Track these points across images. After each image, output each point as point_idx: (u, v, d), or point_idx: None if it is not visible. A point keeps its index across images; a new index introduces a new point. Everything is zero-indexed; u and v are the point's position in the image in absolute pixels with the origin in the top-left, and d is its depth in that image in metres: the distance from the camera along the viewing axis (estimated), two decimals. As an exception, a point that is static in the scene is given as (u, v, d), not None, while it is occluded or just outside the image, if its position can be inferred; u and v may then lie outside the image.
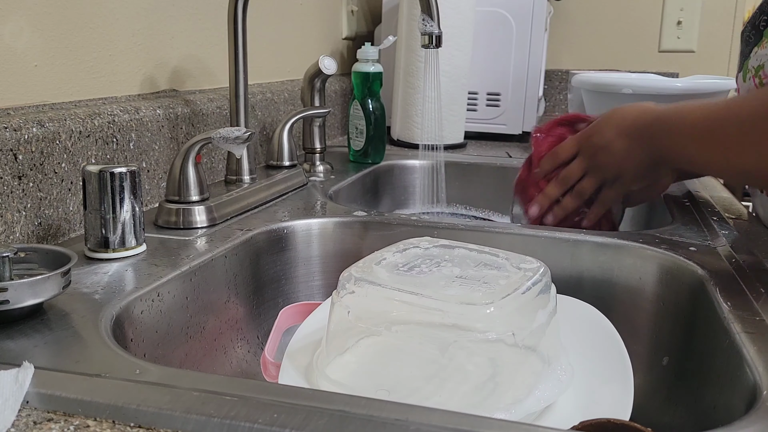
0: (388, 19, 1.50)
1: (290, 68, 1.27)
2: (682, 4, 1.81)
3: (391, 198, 1.23)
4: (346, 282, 0.51)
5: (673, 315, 0.67)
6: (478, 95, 1.48)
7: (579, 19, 1.89)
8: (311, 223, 0.80)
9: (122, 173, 0.63)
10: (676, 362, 0.65)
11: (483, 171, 1.23)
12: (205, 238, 0.71)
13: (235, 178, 0.89)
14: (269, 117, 1.12)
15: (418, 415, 0.37)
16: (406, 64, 1.33)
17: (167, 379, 0.41)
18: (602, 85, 1.29)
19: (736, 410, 0.47)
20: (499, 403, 0.45)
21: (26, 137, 0.62)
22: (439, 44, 0.88)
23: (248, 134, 0.74)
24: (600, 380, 0.53)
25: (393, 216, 0.81)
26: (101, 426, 0.37)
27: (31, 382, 0.40)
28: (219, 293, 0.68)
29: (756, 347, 0.48)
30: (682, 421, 0.60)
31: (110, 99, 0.79)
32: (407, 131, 1.36)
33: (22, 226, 0.63)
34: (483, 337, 0.45)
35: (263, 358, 0.62)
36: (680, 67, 1.83)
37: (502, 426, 0.38)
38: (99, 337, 0.47)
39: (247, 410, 0.37)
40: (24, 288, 0.47)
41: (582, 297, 0.64)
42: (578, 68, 1.86)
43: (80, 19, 0.74)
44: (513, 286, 0.49)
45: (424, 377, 0.48)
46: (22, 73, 0.67)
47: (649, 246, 0.70)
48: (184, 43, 0.93)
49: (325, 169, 1.10)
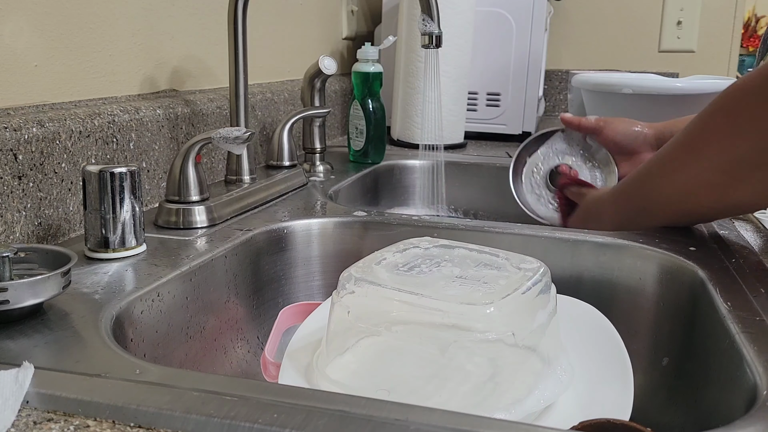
0: (388, 19, 1.50)
1: (290, 68, 1.27)
2: (682, 4, 1.81)
3: (391, 198, 1.23)
4: (346, 282, 0.51)
5: (673, 315, 0.67)
6: (478, 95, 1.48)
7: (579, 19, 1.89)
8: (311, 223, 0.80)
9: (122, 173, 0.63)
10: (676, 362, 0.65)
11: (483, 171, 1.23)
12: (205, 238, 0.71)
13: (235, 178, 0.89)
14: (269, 117, 1.12)
15: (418, 415, 0.37)
16: (406, 64, 1.33)
17: (167, 379, 0.41)
18: (602, 85, 1.29)
19: (735, 410, 0.47)
20: (499, 403, 0.45)
21: (26, 137, 0.62)
22: (439, 44, 0.88)
23: (248, 134, 0.74)
24: (600, 380, 0.53)
25: (393, 216, 0.81)
26: (101, 426, 0.37)
27: (31, 382, 0.40)
28: (219, 293, 0.68)
29: (756, 347, 0.48)
30: (681, 421, 0.60)
31: (110, 99, 0.79)
32: (407, 131, 1.36)
33: (22, 226, 0.63)
34: (483, 337, 0.45)
35: (263, 358, 0.62)
36: (680, 67, 1.83)
37: (502, 426, 0.38)
38: (99, 337, 0.47)
39: (247, 410, 0.37)
40: (24, 288, 0.47)
41: (582, 297, 0.64)
42: (578, 68, 1.86)
43: (80, 19, 0.74)
44: (513, 286, 0.49)
45: (424, 377, 0.48)
46: (22, 73, 0.67)
47: (649, 246, 0.70)
48: (184, 43, 0.93)
49: (325, 169, 1.10)
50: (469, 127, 1.45)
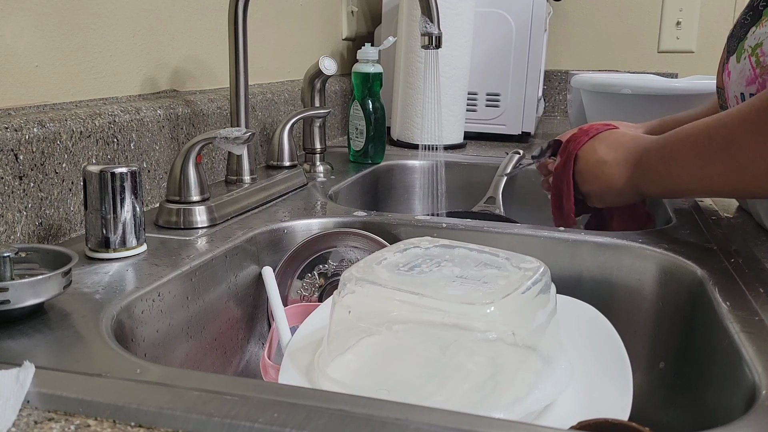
0: (388, 19, 1.50)
1: (290, 69, 1.27)
2: (681, 4, 1.81)
3: (391, 198, 1.24)
4: (347, 282, 0.51)
5: (672, 315, 0.67)
6: (478, 95, 1.48)
7: (578, 20, 1.89)
8: (311, 223, 0.80)
9: (123, 173, 0.63)
10: (675, 362, 0.65)
11: (483, 171, 1.23)
12: (206, 238, 0.71)
13: (236, 179, 0.89)
14: (269, 117, 1.12)
15: (418, 414, 0.37)
16: (406, 64, 1.33)
17: (168, 379, 0.41)
18: (602, 85, 1.29)
19: (735, 410, 0.47)
20: (499, 403, 0.45)
21: (27, 137, 0.62)
22: (438, 45, 0.88)
23: (249, 134, 0.74)
24: (599, 380, 0.53)
25: (393, 216, 0.81)
26: (102, 425, 0.38)
27: (32, 382, 0.40)
28: (219, 293, 0.68)
29: (755, 347, 0.48)
30: (680, 420, 0.60)
31: (111, 99, 0.79)
32: (407, 131, 1.36)
33: (23, 226, 0.63)
34: (483, 336, 0.45)
35: (263, 361, 0.62)
36: (679, 68, 1.84)
37: (501, 425, 0.38)
38: (100, 337, 0.47)
39: (247, 410, 0.37)
40: (25, 288, 0.47)
41: (582, 297, 0.64)
42: (577, 69, 1.86)
43: (81, 20, 0.74)
44: (513, 286, 0.49)
45: (424, 376, 0.48)
46: (23, 73, 0.67)
47: (648, 246, 0.70)
48: (185, 44, 0.93)
49: (325, 170, 1.10)
50: (469, 128, 1.45)
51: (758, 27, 0.74)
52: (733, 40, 0.78)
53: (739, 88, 0.75)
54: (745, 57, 0.74)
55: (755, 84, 0.72)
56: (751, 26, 0.75)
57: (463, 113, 1.40)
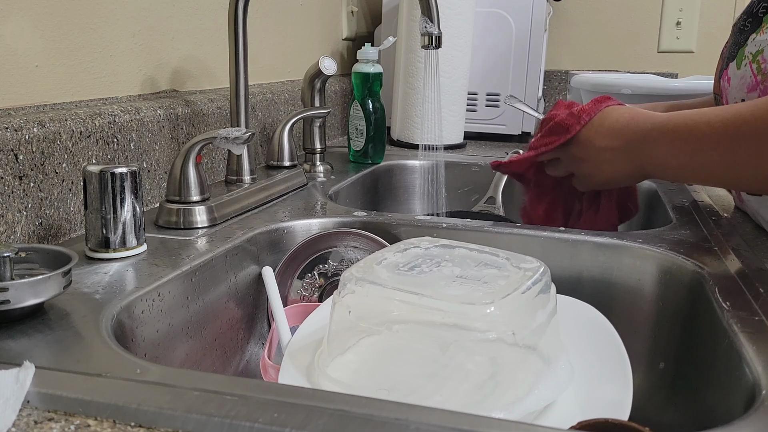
0: (388, 19, 1.50)
1: (290, 69, 1.27)
2: (681, 4, 1.81)
3: (391, 198, 1.24)
4: (347, 282, 0.51)
5: (672, 315, 0.67)
6: (478, 95, 1.48)
7: (578, 20, 1.89)
8: (311, 223, 0.80)
9: (123, 173, 0.63)
10: (675, 362, 0.65)
11: (483, 171, 1.23)
12: (206, 238, 0.71)
13: (236, 179, 0.89)
14: (269, 117, 1.12)
15: (418, 414, 0.37)
16: (406, 64, 1.33)
17: (168, 379, 0.41)
18: (602, 85, 1.30)
19: (735, 410, 0.47)
20: (499, 402, 0.45)
21: (27, 137, 0.62)
22: (438, 45, 0.88)
23: (248, 134, 0.74)
24: (599, 380, 0.53)
25: (393, 216, 0.81)
26: (102, 425, 0.38)
27: (32, 382, 0.40)
28: (219, 293, 0.68)
29: (755, 347, 0.48)
30: (681, 420, 0.60)
31: (111, 99, 0.79)
32: (407, 131, 1.36)
33: (23, 226, 0.63)
34: (483, 336, 0.45)
35: (263, 361, 0.62)
36: (679, 68, 1.83)
37: (501, 425, 0.38)
38: (100, 337, 0.47)
39: (247, 410, 0.37)
40: (25, 288, 0.47)
41: (581, 297, 0.64)
42: (578, 69, 1.86)
43: (81, 20, 0.74)
44: (513, 286, 0.49)
45: (424, 376, 0.48)
46: (22, 73, 0.67)
47: (648, 246, 0.70)
48: (185, 44, 0.93)
49: (325, 170, 1.10)
50: (469, 128, 1.45)
51: (759, 34, 0.74)
52: (734, 46, 0.78)
53: (739, 94, 0.75)
54: (746, 64, 0.74)
55: (756, 91, 0.72)
56: (751, 33, 0.75)
57: (463, 113, 1.40)
